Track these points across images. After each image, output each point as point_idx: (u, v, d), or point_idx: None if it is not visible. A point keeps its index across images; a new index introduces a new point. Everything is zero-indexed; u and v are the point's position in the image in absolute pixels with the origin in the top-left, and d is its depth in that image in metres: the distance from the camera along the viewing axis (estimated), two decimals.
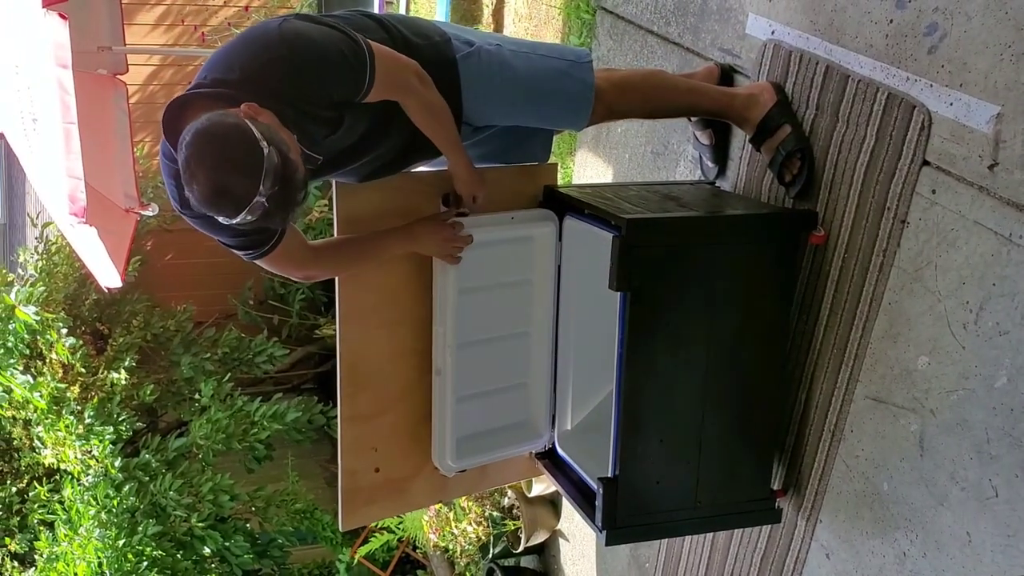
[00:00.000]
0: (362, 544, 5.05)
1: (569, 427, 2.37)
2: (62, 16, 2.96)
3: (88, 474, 4.30)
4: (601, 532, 2.04)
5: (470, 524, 4.11)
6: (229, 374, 4.87)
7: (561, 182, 2.37)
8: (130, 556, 4.11)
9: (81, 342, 4.56)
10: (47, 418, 4.32)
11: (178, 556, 4.28)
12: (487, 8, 4.54)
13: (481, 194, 2.09)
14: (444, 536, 4.29)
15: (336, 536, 5.02)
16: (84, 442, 4.27)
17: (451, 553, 4.36)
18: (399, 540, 4.85)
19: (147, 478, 4.34)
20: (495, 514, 4.04)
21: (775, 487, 2.20)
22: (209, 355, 5.01)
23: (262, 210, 1.53)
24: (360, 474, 2.21)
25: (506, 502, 4.04)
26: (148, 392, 4.63)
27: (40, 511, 4.53)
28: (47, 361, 4.51)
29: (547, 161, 2.27)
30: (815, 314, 2.08)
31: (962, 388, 1.71)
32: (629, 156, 3.03)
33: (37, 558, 4.39)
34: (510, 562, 4.21)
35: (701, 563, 2.61)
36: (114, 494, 4.21)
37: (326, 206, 5.28)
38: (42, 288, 4.50)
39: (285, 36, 1.68)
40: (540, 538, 3.98)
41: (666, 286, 1.96)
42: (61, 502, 4.39)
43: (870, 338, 1.93)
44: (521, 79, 2.03)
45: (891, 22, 1.84)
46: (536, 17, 3.94)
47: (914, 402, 1.82)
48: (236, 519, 4.65)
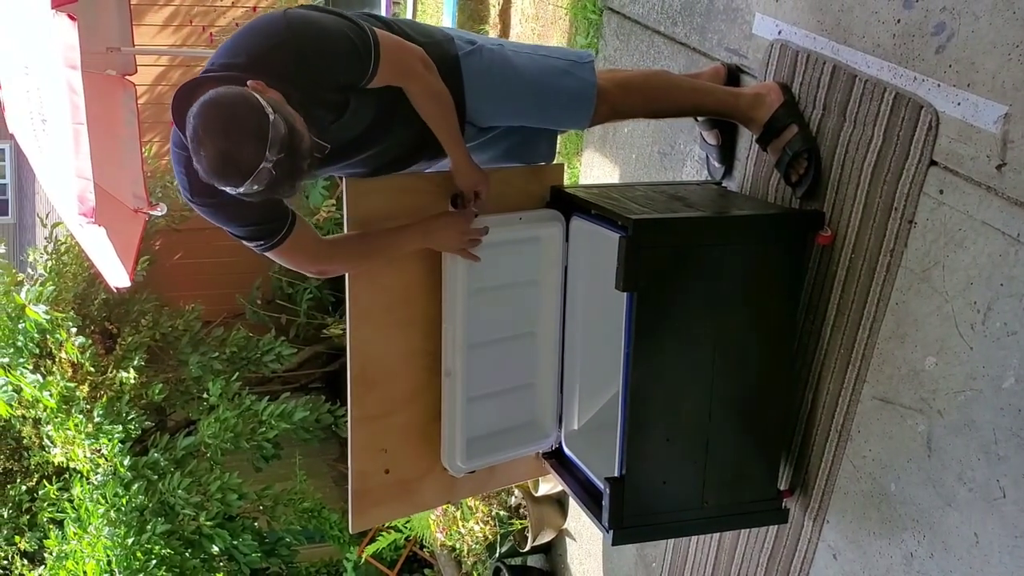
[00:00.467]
0: (369, 543, 5.07)
1: (576, 427, 2.38)
2: (71, 17, 2.97)
3: (97, 473, 4.33)
4: (608, 532, 2.04)
5: (477, 523, 4.12)
6: (237, 373, 4.89)
7: (568, 182, 2.37)
8: (139, 554, 4.13)
9: (90, 341, 4.59)
10: (56, 417, 4.35)
11: (186, 554, 4.30)
12: (494, 8, 4.55)
13: (483, 189, 2.07)
14: (451, 535, 4.30)
15: (344, 535, 5.03)
16: (93, 441, 4.29)
17: (458, 552, 4.37)
18: (406, 539, 4.86)
19: (156, 477, 4.36)
20: (502, 513, 4.04)
21: (782, 487, 2.20)
22: (217, 354, 5.03)
23: (269, 178, 1.54)
24: (370, 475, 2.20)
25: (513, 501, 4.04)
26: (157, 391, 4.65)
27: (50, 509, 4.56)
28: (56, 360, 4.53)
29: (552, 162, 2.27)
30: (822, 314, 2.08)
31: (970, 389, 1.71)
32: (636, 156, 3.03)
33: (47, 556, 4.42)
34: (517, 561, 4.22)
35: (708, 563, 2.61)
36: (123, 493, 4.23)
37: (334, 206, 5.29)
38: (52, 287, 4.53)
39: (290, 21, 1.71)
40: (547, 537, 3.98)
41: (673, 286, 1.96)
42: (70, 500, 4.42)
43: (877, 338, 1.93)
44: (523, 76, 2.05)
45: (898, 22, 1.84)
46: (543, 17, 3.94)
47: (921, 403, 1.82)
48: (244, 518, 4.67)
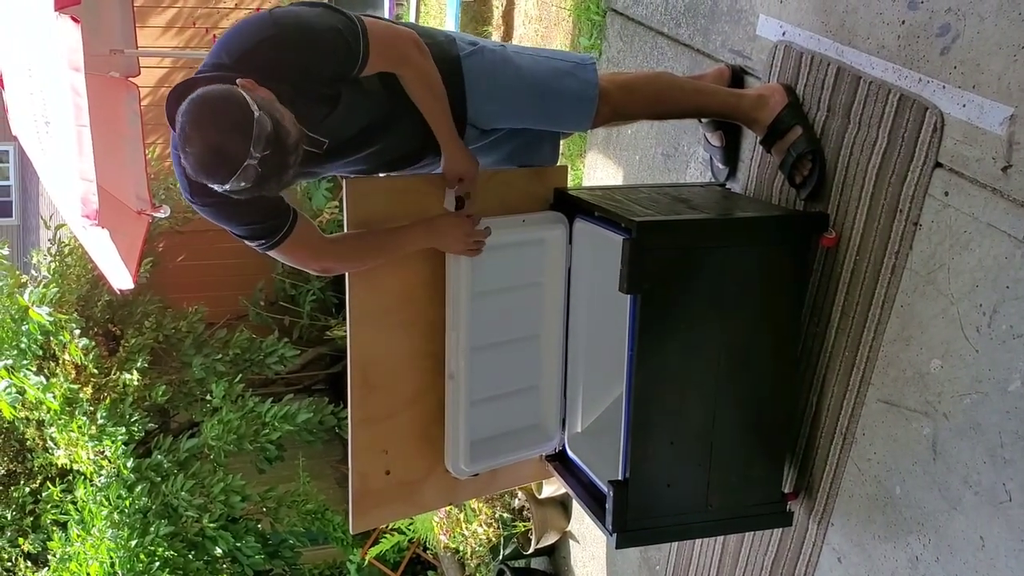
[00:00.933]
0: (373, 545, 5.07)
1: (579, 429, 2.37)
2: (74, 19, 2.98)
3: (101, 475, 4.33)
4: (611, 535, 2.03)
5: (481, 525, 4.11)
6: (240, 375, 4.89)
7: (571, 184, 2.36)
8: (142, 556, 4.13)
9: (94, 343, 4.59)
10: (60, 419, 4.35)
11: (190, 556, 4.30)
12: (497, 10, 4.54)
13: (469, 176, 2.02)
14: (455, 537, 4.30)
15: (347, 537, 5.02)
16: (97, 443, 4.29)
17: (462, 554, 4.37)
18: (410, 541, 4.86)
19: (159, 479, 4.36)
20: (505, 515, 4.04)
21: (786, 490, 2.19)
22: (220, 356, 5.04)
23: (255, 175, 1.55)
24: (371, 477, 2.20)
25: (517, 504, 4.04)
26: (160, 393, 4.65)
27: (53, 511, 4.56)
28: (60, 362, 4.53)
29: (556, 164, 2.26)
30: (826, 316, 2.07)
31: (975, 391, 1.70)
32: (639, 158, 3.03)
33: (50, 558, 4.42)
34: (520, 563, 4.21)
35: (712, 566, 2.60)
36: (126, 494, 4.23)
37: (337, 207, 5.29)
38: (55, 289, 4.53)
39: (276, 16, 1.73)
40: (550, 540, 3.98)
41: (676, 288, 1.96)
42: (74, 502, 4.42)
43: (882, 341, 1.92)
44: (525, 76, 2.05)
45: (903, 23, 1.83)
46: (546, 19, 3.93)
47: (927, 405, 1.81)
48: (247, 519, 4.67)
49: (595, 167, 3.43)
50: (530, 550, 3.95)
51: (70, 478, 4.59)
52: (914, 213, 1.82)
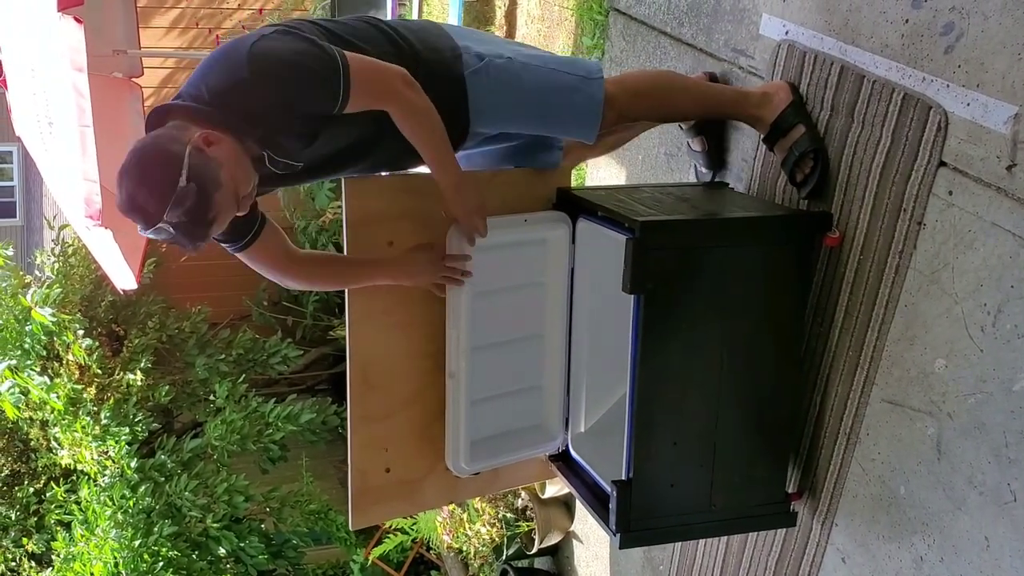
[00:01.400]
0: (376, 545, 5.07)
1: (583, 429, 2.37)
2: (77, 20, 2.98)
3: (104, 475, 4.34)
4: (615, 535, 2.03)
5: (484, 525, 4.11)
6: (244, 375, 4.90)
7: (574, 184, 2.36)
8: (146, 556, 4.14)
9: (97, 343, 4.60)
10: (64, 419, 4.36)
11: (193, 556, 4.31)
12: (499, 9, 4.54)
13: (479, 222, 1.98)
14: (458, 537, 4.29)
15: (350, 537, 5.03)
16: (100, 443, 4.30)
17: (465, 554, 4.37)
18: (413, 541, 4.86)
19: (163, 479, 4.37)
20: (509, 515, 4.04)
21: (790, 490, 2.18)
22: (224, 356, 5.04)
23: (168, 235, 1.62)
24: (370, 474, 2.21)
25: (520, 504, 4.03)
26: (163, 393, 4.66)
27: (57, 511, 4.57)
28: (64, 362, 4.54)
29: (560, 165, 2.26)
30: (830, 316, 2.06)
31: (980, 391, 1.69)
32: (642, 158, 3.02)
33: (54, 558, 4.43)
34: (524, 563, 4.21)
35: (716, 566, 2.60)
36: (130, 495, 4.24)
37: (340, 207, 5.28)
38: (59, 290, 4.54)
39: (253, 57, 1.67)
40: (554, 540, 3.97)
41: (680, 288, 1.95)
42: (78, 502, 4.43)
43: (886, 341, 1.92)
44: (530, 94, 2.02)
45: (907, 22, 1.83)
46: (548, 19, 3.93)
47: (931, 405, 1.81)
48: (251, 519, 4.67)
49: (598, 167, 3.42)
50: (533, 550, 3.95)
51: (74, 478, 4.60)
52: (918, 212, 1.82)
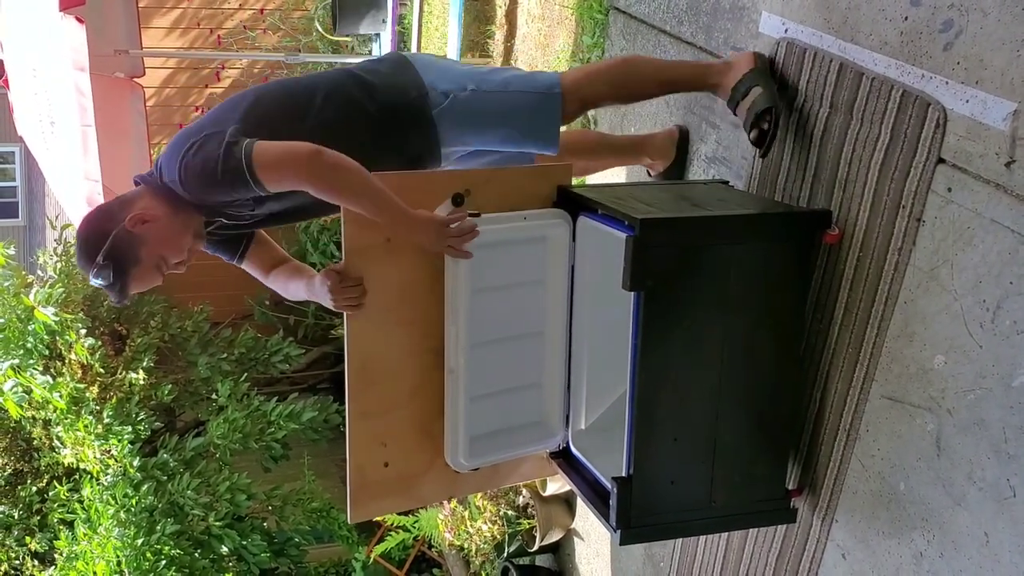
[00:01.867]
0: (378, 543, 5.08)
1: (583, 426, 2.37)
2: (79, 20, 2.99)
3: (107, 473, 4.35)
4: (615, 532, 2.04)
5: (485, 523, 4.12)
6: (246, 374, 4.91)
7: (575, 182, 2.36)
8: (148, 555, 4.14)
9: (100, 343, 4.61)
10: (66, 418, 4.37)
11: (196, 555, 4.32)
12: (500, 9, 4.54)
13: (455, 243, 2.02)
14: (459, 535, 4.30)
15: (352, 535, 5.04)
16: (103, 442, 4.31)
17: (466, 552, 4.37)
18: (415, 539, 4.86)
19: (165, 477, 4.37)
20: (510, 513, 4.04)
21: (790, 486, 2.19)
22: (226, 355, 5.05)
23: (102, 288, 2.01)
24: (368, 468, 2.21)
25: (521, 501, 4.04)
26: (166, 392, 4.67)
27: (60, 510, 4.58)
28: (66, 362, 4.55)
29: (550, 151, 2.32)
30: (830, 313, 2.07)
31: (979, 387, 1.70)
32: None
33: (57, 557, 4.44)
34: (525, 561, 4.22)
35: (716, 562, 2.60)
36: (133, 493, 4.25)
37: None
38: (61, 289, 4.55)
39: (182, 168, 1.93)
40: (555, 537, 3.98)
41: (680, 286, 1.96)
42: (80, 501, 4.44)
43: (885, 337, 1.92)
44: (494, 120, 2.21)
45: (906, 19, 1.83)
46: (549, 17, 3.93)
47: (930, 401, 1.81)
48: (253, 518, 4.68)
49: None
50: (534, 547, 3.96)
51: (76, 477, 4.61)
52: (917, 209, 1.82)
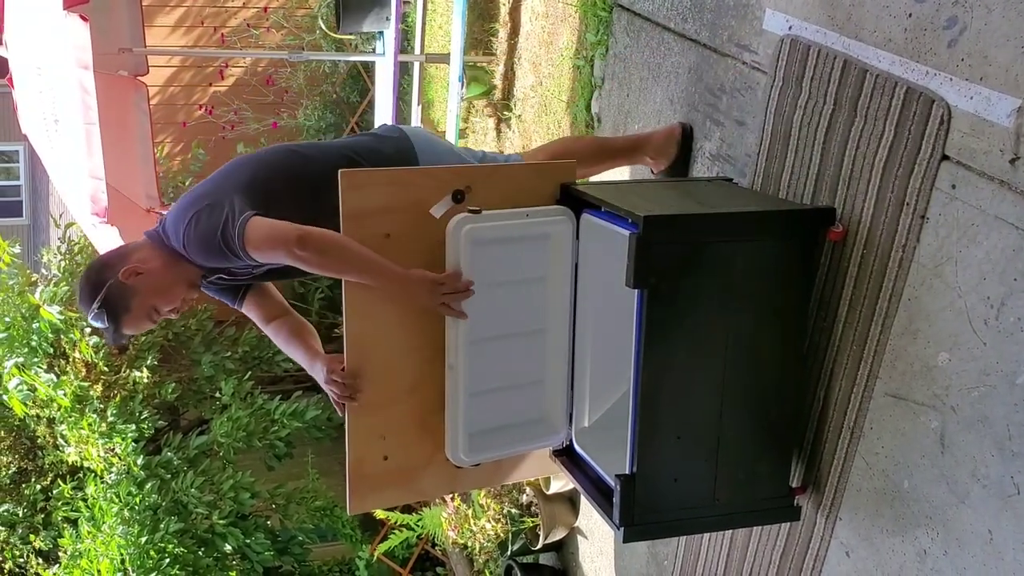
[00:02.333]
0: (382, 541, 5.08)
1: (586, 424, 2.37)
2: (83, 18, 3.00)
3: (111, 472, 4.35)
4: (619, 529, 2.04)
5: (489, 521, 4.12)
6: (249, 372, 4.92)
7: (579, 180, 2.36)
8: (152, 553, 4.15)
9: (104, 341, 4.61)
10: (70, 416, 4.38)
11: (199, 553, 4.32)
12: (504, 6, 4.54)
13: (447, 300, 2.08)
14: (463, 533, 4.30)
15: (356, 533, 5.04)
16: (107, 440, 4.32)
17: (470, 550, 4.38)
18: (418, 537, 4.86)
19: (169, 476, 4.38)
20: (514, 511, 4.04)
21: (794, 484, 2.19)
22: (230, 354, 5.06)
23: (100, 330, 2.16)
24: (367, 462, 2.22)
25: (524, 499, 4.04)
26: (170, 390, 4.67)
27: (64, 508, 4.59)
28: (70, 360, 4.56)
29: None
30: (834, 311, 2.07)
31: (983, 384, 1.69)
32: None
33: (61, 555, 4.45)
34: (529, 559, 4.22)
35: (720, 560, 2.60)
36: (136, 491, 4.25)
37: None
38: (65, 288, 4.56)
39: (185, 235, 2.06)
40: (558, 535, 3.98)
41: (683, 283, 1.96)
42: (84, 499, 4.45)
43: (889, 334, 1.92)
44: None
45: (910, 16, 1.83)
46: (552, 15, 3.93)
47: (934, 399, 1.81)
48: (257, 516, 4.69)
49: None
50: (538, 546, 3.96)
51: (81, 475, 4.62)
52: (921, 206, 1.82)
